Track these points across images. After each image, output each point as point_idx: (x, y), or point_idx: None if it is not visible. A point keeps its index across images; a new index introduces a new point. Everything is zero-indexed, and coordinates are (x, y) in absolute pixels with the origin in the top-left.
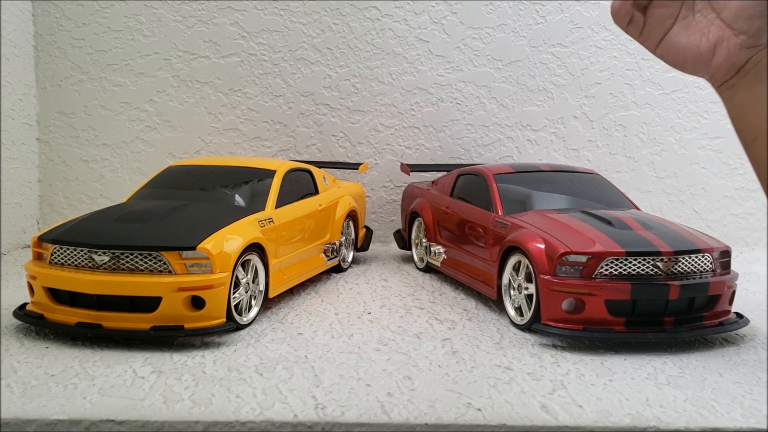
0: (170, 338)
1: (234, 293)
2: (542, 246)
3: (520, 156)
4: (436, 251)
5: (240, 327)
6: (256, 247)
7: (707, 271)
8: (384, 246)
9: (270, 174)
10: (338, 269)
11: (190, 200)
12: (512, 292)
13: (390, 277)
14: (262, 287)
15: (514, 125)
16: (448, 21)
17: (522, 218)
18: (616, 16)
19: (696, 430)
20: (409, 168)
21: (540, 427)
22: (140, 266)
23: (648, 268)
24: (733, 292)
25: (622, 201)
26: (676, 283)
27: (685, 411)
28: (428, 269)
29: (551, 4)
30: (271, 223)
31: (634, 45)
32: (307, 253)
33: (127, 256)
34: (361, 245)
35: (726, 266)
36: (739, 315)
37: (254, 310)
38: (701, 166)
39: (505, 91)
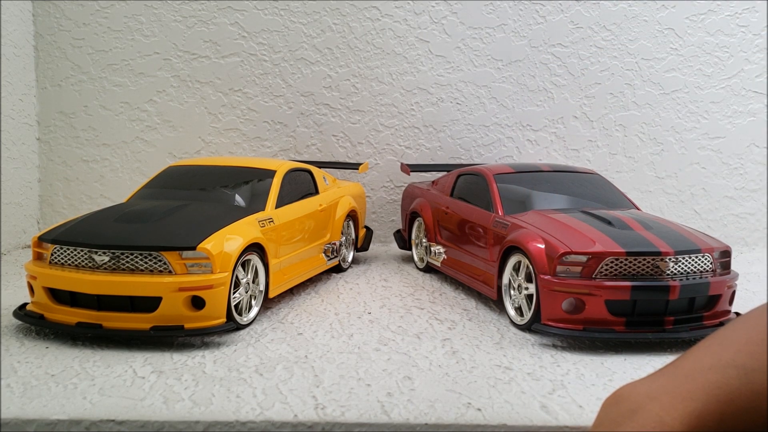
0: (170, 338)
1: (234, 293)
2: (542, 246)
3: (520, 156)
4: (436, 251)
5: (240, 327)
6: (256, 247)
7: (707, 271)
8: (384, 246)
9: (270, 174)
10: (338, 269)
11: (190, 200)
12: (512, 292)
13: (390, 277)
14: (262, 287)
15: (514, 125)
16: (448, 21)
17: (522, 218)
18: None
19: None
20: (409, 168)
21: (540, 427)
22: (140, 266)
23: (648, 268)
24: (734, 292)
25: (622, 201)
26: (677, 283)
27: None
28: (428, 269)
29: (551, 4)
30: (272, 223)
31: (635, 45)
32: (307, 253)
33: (127, 256)
34: (361, 245)
35: (726, 266)
36: (738, 315)
37: (254, 310)
38: (701, 166)
39: (505, 91)
